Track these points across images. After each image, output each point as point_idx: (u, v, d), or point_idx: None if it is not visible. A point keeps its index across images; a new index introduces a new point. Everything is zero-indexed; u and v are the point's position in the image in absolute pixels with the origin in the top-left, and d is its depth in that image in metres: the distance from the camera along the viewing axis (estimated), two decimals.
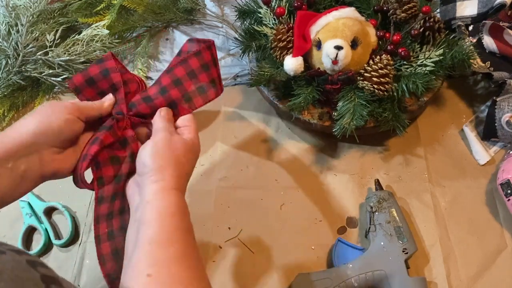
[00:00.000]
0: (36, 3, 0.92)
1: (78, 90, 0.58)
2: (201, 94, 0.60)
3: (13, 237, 0.73)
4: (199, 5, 0.98)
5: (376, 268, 0.62)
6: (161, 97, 0.58)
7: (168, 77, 0.59)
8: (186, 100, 0.59)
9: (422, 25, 0.72)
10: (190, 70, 0.59)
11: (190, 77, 0.59)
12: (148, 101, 0.58)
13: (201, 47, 0.60)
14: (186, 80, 0.59)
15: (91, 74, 0.58)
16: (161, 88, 0.59)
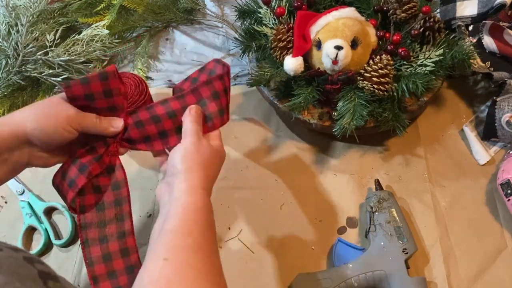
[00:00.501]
0: (36, 3, 0.92)
1: (74, 99, 0.56)
2: (207, 122, 0.60)
3: (13, 237, 0.73)
4: (199, 5, 0.98)
5: (376, 268, 0.62)
6: (169, 119, 0.58)
7: (178, 103, 0.59)
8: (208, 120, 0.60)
9: (422, 25, 0.72)
10: (200, 99, 0.60)
11: (200, 105, 0.59)
12: (157, 122, 0.58)
13: (213, 77, 0.61)
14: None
15: (93, 90, 0.56)
16: (170, 111, 0.58)
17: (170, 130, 0.59)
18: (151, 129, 0.59)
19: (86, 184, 0.56)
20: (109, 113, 0.58)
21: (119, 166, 0.59)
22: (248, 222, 0.72)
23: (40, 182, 0.79)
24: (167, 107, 0.59)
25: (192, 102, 0.59)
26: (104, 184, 0.58)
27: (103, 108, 0.58)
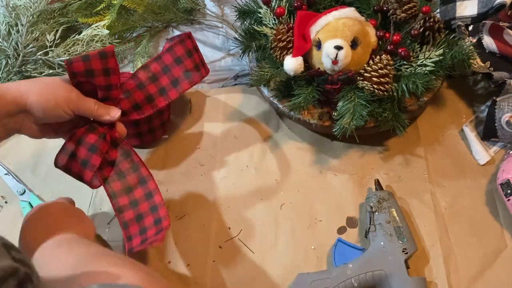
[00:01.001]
0: (36, 3, 0.92)
1: (75, 75, 0.59)
2: (188, 78, 0.66)
3: (14, 237, 0.73)
4: (199, 5, 0.98)
5: (376, 268, 0.62)
6: (152, 83, 0.65)
7: (157, 65, 0.65)
8: (174, 85, 0.65)
9: (422, 25, 0.72)
10: (176, 57, 0.66)
11: (177, 63, 0.66)
12: (142, 88, 0.64)
13: (183, 37, 0.67)
14: (174, 66, 0.66)
15: (93, 67, 0.59)
16: (152, 75, 0.65)
17: (155, 94, 0.65)
18: (139, 96, 0.64)
19: (101, 161, 0.62)
20: (105, 91, 0.62)
21: (120, 138, 0.64)
22: (248, 222, 0.72)
23: (40, 182, 0.79)
24: (148, 71, 0.65)
25: (169, 61, 0.66)
26: (115, 157, 0.63)
27: (101, 86, 0.61)
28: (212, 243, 0.71)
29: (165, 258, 0.70)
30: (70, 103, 0.58)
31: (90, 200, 0.76)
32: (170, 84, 0.66)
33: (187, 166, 0.79)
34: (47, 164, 0.81)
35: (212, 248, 0.70)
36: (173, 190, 0.76)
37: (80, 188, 0.77)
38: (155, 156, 0.80)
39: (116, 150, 0.64)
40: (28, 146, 0.84)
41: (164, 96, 0.65)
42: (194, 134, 0.83)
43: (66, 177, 0.79)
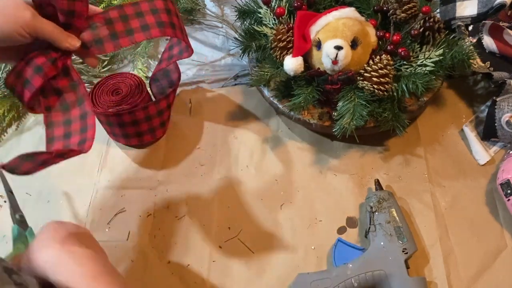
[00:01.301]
0: None
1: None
2: (159, 27, 0.64)
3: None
4: (199, 5, 0.98)
5: (376, 268, 0.62)
6: (121, 22, 0.63)
7: (132, 8, 0.63)
8: (143, 29, 0.63)
9: (422, 25, 0.72)
10: (154, 8, 0.64)
11: (153, 13, 0.64)
12: (109, 24, 0.62)
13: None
14: (148, 14, 0.64)
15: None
16: (124, 15, 0.63)
17: (120, 32, 0.63)
18: (104, 31, 0.62)
19: (46, 86, 0.60)
20: (67, 17, 0.59)
21: (72, 67, 0.62)
22: (248, 222, 0.72)
23: (40, 182, 0.79)
24: (121, 11, 0.63)
25: (145, 8, 0.64)
26: (64, 85, 0.61)
27: (63, 10, 0.58)
28: (212, 243, 0.71)
29: (165, 258, 0.70)
30: (26, 26, 0.54)
31: (90, 200, 0.76)
32: (140, 28, 0.63)
33: (187, 166, 0.79)
34: None
35: (212, 248, 0.70)
36: (173, 190, 0.76)
37: (80, 188, 0.77)
38: (155, 156, 0.80)
39: (67, 80, 0.61)
40: (28, 146, 0.84)
41: (130, 37, 0.63)
42: (194, 134, 0.83)
43: (66, 177, 0.79)
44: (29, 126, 0.87)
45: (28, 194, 0.78)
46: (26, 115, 0.88)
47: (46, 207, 0.76)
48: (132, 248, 0.71)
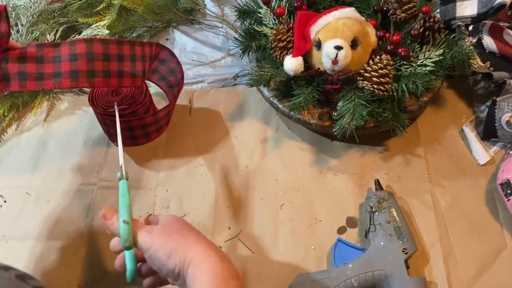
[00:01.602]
0: (36, 3, 0.92)
1: None
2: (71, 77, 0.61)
3: (13, 236, 0.73)
4: (199, 5, 0.98)
5: (376, 268, 0.62)
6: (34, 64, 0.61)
7: (51, 50, 0.61)
8: (55, 77, 0.61)
9: (422, 25, 0.72)
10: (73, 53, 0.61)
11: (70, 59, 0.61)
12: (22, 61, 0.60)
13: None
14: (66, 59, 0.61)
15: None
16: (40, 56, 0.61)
17: (47, 74, 0.61)
18: (31, 68, 0.61)
19: None
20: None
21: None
22: (248, 222, 0.72)
23: (40, 182, 0.79)
24: (57, 50, 0.61)
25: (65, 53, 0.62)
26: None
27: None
28: None
29: None
30: None
31: (90, 200, 0.76)
32: (51, 74, 0.61)
33: (187, 166, 0.79)
34: (47, 164, 0.81)
35: None
36: (173, 190, 0.76)
37: (79, 188, 0.77)
38: (155, 156, 0.80)
39: None
40: (28, 146, 0.84)
41: (38, 82, 0.61)
42: (194, 134, 0.83)
43: (66, 177, 0.79)
44: (29, 126, 0.87)
45: (28, 194, 0.78)
46: (26, 115, 0.88)
47: (46, 207, 0.76)
48: None
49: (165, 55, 0.73)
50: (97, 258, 0.70)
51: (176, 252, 0.49)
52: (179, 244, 0.49)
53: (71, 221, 0.74)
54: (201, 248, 0.49)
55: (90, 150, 0.82)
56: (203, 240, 0.51)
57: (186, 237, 0.51)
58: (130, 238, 0.51)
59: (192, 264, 0.48)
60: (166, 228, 0.52)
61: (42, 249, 0.72)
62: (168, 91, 0.82)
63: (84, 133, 0.84)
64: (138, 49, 0.66)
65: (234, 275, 0.48)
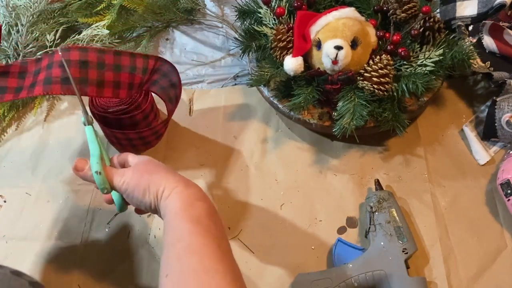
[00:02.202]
0: (36, 3, 0.92)
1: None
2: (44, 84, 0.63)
3: (13, 237, 0.73)
4: (199, 5, 0.98)
5: (376, 268, 0.62)
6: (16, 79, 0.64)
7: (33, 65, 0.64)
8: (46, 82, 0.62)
9: (422, 25, 0.72)
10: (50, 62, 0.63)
11: (47, 68, 0.63)
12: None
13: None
14: (44, 70, 0.63)
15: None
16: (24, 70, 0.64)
17: (39, 81, 0.63)
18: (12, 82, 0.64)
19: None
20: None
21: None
22: (248, 222, 0.72)
23: (40, 182, 0.79)
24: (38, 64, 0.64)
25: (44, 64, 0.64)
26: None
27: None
28: None
29: None
30: None
31: (90, 200, 0.76)
32: (29, 87, 0.64)
33: (187, 166, 0.79)
34: (47, 164, 0.81)
35: None
36: None
37: (79, 188, 0.77)
38: (155, 156, 0.80)
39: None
40: (28, 146, 0.84)
41: (13, 94, 0.64)
42: (194, 134, 0.83)
43: (66, 177, 0.79)
44: (29, 126, 0.87)
45: (28, 194, 0.78)
46: (26, 115, 0.88)
47: (46, 207, 0.76)
48: (132, 248, 0.71)
49: (166, 69, 0.74)
50: (97, 258, 0.70)
51: (149, 190, 0.54)
52: (150, 182, 0.54)
53: (71, 221, 0.74)
54: (170, 181, 0.54)
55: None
56: (171, 174, 0.56)
57: (156, 174, 0.55)
58: (106, 186, 0.56)
59: (163, 196, 0.53)
60: (138, 169, 0.57)
61: (42, 249, 0.72)
62: (167, 103, 0.82)
63: (84, 133, 0.83)
64: (139, 61, 0.67)
65: (199, 197, 0.53)
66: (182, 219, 0.50)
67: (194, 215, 0.50)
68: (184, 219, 0.50)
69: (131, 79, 0.66)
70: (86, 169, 0.58)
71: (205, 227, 0.50)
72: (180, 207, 0.51)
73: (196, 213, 0.51)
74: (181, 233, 0.49)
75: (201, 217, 0.51)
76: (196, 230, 0.49)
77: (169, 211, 0.52)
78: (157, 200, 0.53)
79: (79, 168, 0.59)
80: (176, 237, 0.49)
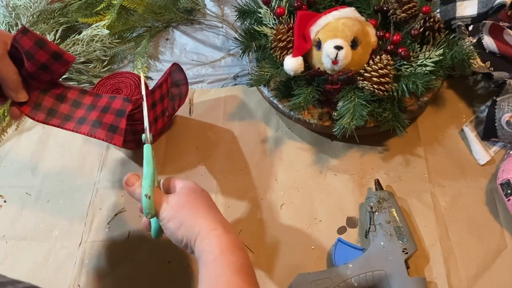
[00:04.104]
0: (36, 3, 0.92)
1: (18, 44, 0.59)
2: (97, 127, 0.65)
3: (13, 237, 0.73)
4: (199, 5, 0.98)
5: (376, 268, 0.62)
6: (66, 105, 0.66)
7: (90, 99, 0.66)
8: (80, 122, 0.65)
9: (422, 25, 0.72)
10: (107, 105, 0.66)
11: (104, 112, 0.65)
12: (60, 99, 0.66)
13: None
14: (93, 109, 0.65)
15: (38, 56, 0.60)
16: (77, 101, 0.66)
17: (74, 117, 0.65)
18: (64, 108, 0.65)
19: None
20: (28, 76, 0.61)
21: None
22: (248, 222, 0.72)
23: (40, 182, 0.79)
24: (96, 99, 0.66)
25: (103, 103, 0.66)
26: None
27: (27, 70, 0.60)
28: None
29: (165, 258, 0.70)
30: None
31: (89, 200, 0.76)
32: (77, 119, 0.65)
33: (187, 166, 0.79)
34: (47, 164, 0.81)
35: None
36: None
37: (79, 188, 0.77)
38: (155, 156, 0.80)
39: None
40: (28, 146, 0.84)
41: (62, 121, 0.65)
42: (194, 134, 0.83)
43: (66, 177, 0.79)
44: (29, 126, 0.87)
45: (28, 194, 0.78)
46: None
47: (46, 207, 0.76)
48: (132, 248, 0.71)
49: (178, 77, 0.75)
50: (97, 258, 0.70)
51: (184, 226, 0.53)
52: (187, 218, 0.53)
53: (71, 221, 0.74)
54: (208, 222, 0.52)
55: (90, 150, 0.82)
56: (212, 214, 0.54)
57: (196, 211, 0.54)
58: (152, 211, 0.54)
59: (199, 237, 0.51)
60: (181, 200, 0.55)
61: (41, 249, 0.72)
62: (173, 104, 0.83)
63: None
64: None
65: (238, 245, 0.52)
66: (223, 266, 0.48)
67: (235, 264, 0.49)
68: (224, 267, 0.48)
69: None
70: (136, 186, 0.57)
71: (246, 278, 0.49)
72: (220, 253, 0.49)
73: (236, 261, 0.49)
74: (220, 282, 0.47)
75: (242, 266, 0.49)
76: (236, 280, 0.48)
77: (206, 254, 0.50)
78: (191, 238, 0.52)
79: (130, 183, 0.58)
80: (215, 285, 0.47)
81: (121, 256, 0.70)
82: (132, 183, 0.57)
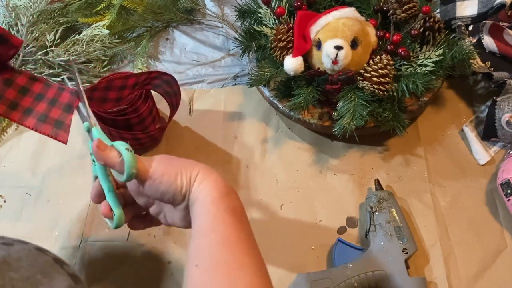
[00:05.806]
0: (36, 3, 0.92)
1: None
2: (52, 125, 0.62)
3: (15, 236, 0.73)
4: (199, 5, 0.98)
5: (376, 268, 0.62)
6: (26, 97, 0.62)
7: (41, 85, 0.63)
8: (42, 119, 0.62)
9: (422, 25, 0.72)
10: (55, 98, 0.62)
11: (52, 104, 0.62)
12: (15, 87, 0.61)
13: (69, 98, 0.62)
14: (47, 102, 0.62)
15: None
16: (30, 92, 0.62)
17: (36, 112, 0.61)
18: (10, 93, 0.61)
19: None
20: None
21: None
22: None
23: (40, 182, 0.79)
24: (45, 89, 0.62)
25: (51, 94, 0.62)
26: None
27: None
28: None
29: (165, 258, 0.70)
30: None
31: (89, 200, 0.76)
32: (23, 111, 0.62)
33: None
34: (47, 164, 0.81)
35: None
36: None
37: (79, 188, 0.77)
38: None
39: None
40: (28, 146, 0.84)
41: (6, 107, 0.61)
42: (194, 134, 0.83)
43: (66, 177, 0.79)
44: None
45: (28, 194, 0.78)
46: None
47: (46, 207, 0.76)
48: (132, 248, 0.71)
49: (167, 78, 0.74)
50: (97, 258, 0.70)
51: (182, 172, 0.51)
52: (183, 166, 0.52)
53: (71, 221, 0.74)
54: (204, 167, 0.52)
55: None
56: (201, 163, 0.54)
57: (186, 160, 0.54)
58: (136, 164, 0.49)
59: (198, 179, 0.51)
60: (163, 158, 0.54)
61: None
62: (169, 105, 0.82)
63: (84, 133, 0.83)
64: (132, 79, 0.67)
65: (232, 189, 0.52)
66: (219, 208, 0.48)
67: (231, 206, 0.49)
68: (221, 209, 0.48)
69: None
70: (109, 148, 0.52)
71: (241, 219, 0.49)
72: (218, 196, 0.49)
73: (232, 204, 0.50)
74: (217, 223, 0.47)
75: (236, 209, 0.50)
76: (233, 222, 0.48)
77: (204, 197, 0.49)
78: (191, 182, 0.51)
79: (102, 147, 0.52)
80: (210, 227, 0.47)
81: (121, 257, 0.70)
82: (105, 146, 0.52)
